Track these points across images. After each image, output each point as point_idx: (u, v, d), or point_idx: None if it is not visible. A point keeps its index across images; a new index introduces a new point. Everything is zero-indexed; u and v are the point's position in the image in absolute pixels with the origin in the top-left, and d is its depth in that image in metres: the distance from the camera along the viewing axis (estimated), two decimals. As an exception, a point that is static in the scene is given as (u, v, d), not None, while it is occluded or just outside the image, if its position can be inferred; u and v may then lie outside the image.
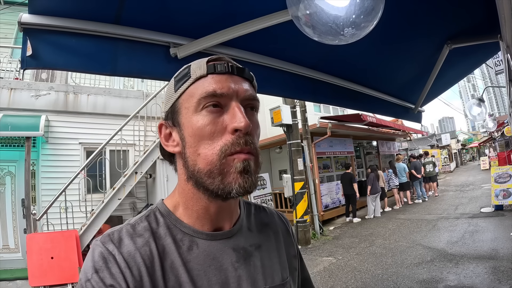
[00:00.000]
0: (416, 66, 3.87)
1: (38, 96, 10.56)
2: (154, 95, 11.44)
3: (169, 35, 2.21)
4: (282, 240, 1.25)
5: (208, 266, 0.97)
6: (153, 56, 2.21)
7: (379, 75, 3.91)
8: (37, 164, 10.52)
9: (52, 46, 1.87)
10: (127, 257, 0.90)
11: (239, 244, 1.07)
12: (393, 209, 17.41)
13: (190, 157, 0.97)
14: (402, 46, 3.29)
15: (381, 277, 7.69)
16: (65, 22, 1.83)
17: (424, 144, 45.82)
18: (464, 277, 6.91)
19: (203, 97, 0.94)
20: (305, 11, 1.47)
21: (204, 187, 0.96)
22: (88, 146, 11.21)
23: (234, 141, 0.92)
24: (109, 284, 0.85)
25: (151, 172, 11.41)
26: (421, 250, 9.43)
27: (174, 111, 1.02)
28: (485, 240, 9.34)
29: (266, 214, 1.29)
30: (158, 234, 0.99)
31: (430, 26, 3.03)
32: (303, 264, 1.37)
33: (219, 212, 1.04)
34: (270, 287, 1.07)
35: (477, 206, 14.65)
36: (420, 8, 2.71)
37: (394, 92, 4.45)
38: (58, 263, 8.17)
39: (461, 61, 3.90)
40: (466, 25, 3.05)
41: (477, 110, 6.85)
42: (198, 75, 0.97)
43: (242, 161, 0.93)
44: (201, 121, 0.94)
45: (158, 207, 1.08)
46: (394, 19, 2.71)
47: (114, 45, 2.04)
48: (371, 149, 23.87)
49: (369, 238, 11.69)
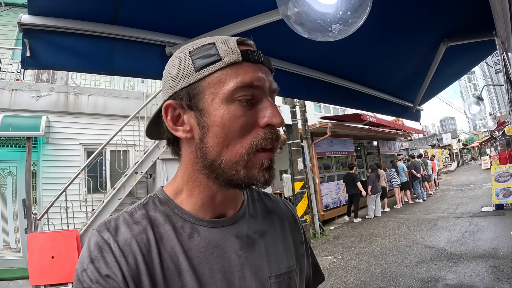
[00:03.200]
0: (413, 64, 3.89)
1: (39, 97, 10.59)
2: (154, 96, 11.46)
3: (165, 34, 2.24)
4: (288, 227, 1.22)
5: (210, 254, 0.95)
6: (149, 55, 2.24)
7: (376, 73, 3.92)
8: (38, 164, 10.54)
9: (51, 46, 1.92)
10: (123, 245, 0.88)
11: (242, 231, 1.05)
12: (394, 208, 17.47)
13: (212, 147, 0.91)
14: (399, 44, 3.32)
15: (381, 276, 7.71)
16: (63, 22, 1.87)
17: (425, 144, 45.76)
18: (463, 276, 6.93)
19: (240, 87, 0.89)
20: (294, 9, 1.50)
21: (223, 178, 0.93)
22: (89, 146, 11.24)
23: (265, 136, 0.91)
24: (105, 274, 0.84)
25: (151, 172, 11.42)
26: (421, 249, 9.45)
27: (193, 93, 0.92)
28: (485, 239, 9.37)
29: (270, 201, 1.26)
30: (157, 222, 0.96)
31: (426, 24, 3.07)
32: (312, 251, 1.35)
33: (224, 199, 1.03)
34: (275, 275, 1.04)
35: (477, 205, 14.68)
36: (416, 6, 2.74)
37: (392, 90, 4.46)
38: (59, 263, 8.22)
39: (459, 59, 3.92)
40: (462, 23, 3.08)
41: (476, 108, 6.87)
42: (232, 60, 0.90)
43: (269, 159, 0.93)
44: (233, 112, 0.89)
45: (157, 194, 1.05)
46: (390, 17, 2.74)
47: (111, 44, 2.07)
48: (371, 149, 23.86)
49: (369, 237, 11.72)
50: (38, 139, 10.36)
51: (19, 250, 9.91)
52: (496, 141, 35.26)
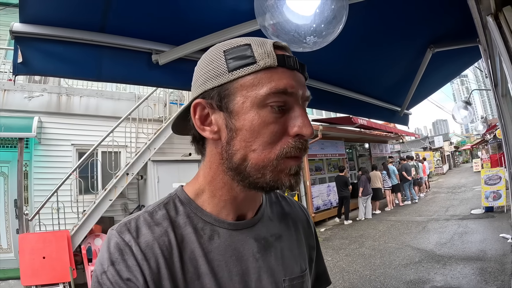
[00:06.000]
0: (401, 69, 3.95)
1: (31, 98, 10.54)
2: (146, 97, 11.48)
3: (152, 42, 2.29)
4: (302, 231, 1.21)
5: (229, 257, 0.95)
6: (136, 63, 2.29)
7: (364, 78, 3.97)
8: (29, 165, 10.49)
9: (41, 54, 1.96)
10: (145, 248, 0.87)
11: (260, 233, 1.04)
12: (385, 210, 17.56)
13: (239, 151, 0.90)
14: (386, 50, 3.38)
15: (369, 277, 7.77)
16: (54, 30, 1.92)
17: (417, 147, 45.85)
18: (451, 278, 7.01)
19: (273, 92, 0.86)
20: (270, 21, 1.55)
21: (248, 181, 0.92)
22: (80, 147, 11.18)
23: (295, 146, 0.89)
24: (126, 278, 0.83)
25: (142, 173, 11.40)
26: (409, 251, 9.53)
27: (224, 93, 0.90)
28: (474, 242, 9.46)
29: (287, 203, 1.25)
30: (177, 223, 0.95)
31: (412, 31, 3.13)
32: (320, 257, 1.34)
33: (246, 201, 1.02)
34: (289, 278, 1.04)
35: (467, 208, 14.80)
36: (403, 13, 2.79)
37: (380, 95, 4.52)
38: (50, 263, 8.23)
39: (446, 64, 3.99)
40: (448, 29, 3.14)
41: (463, 113, 6.95)
42: (268, 64, 0.87)
43: (297, 166, 0.91)
44: (263, 118, 0.87)
45: (177, 194, 1.03)
46: (377, 24, 2.80)
47: (99, 52, 2.12)
48: (363, 152, 23.92)
49: (359, 239, 11.79)
50: (30, 139, 10.29)
51: (10, 251, 9.87)
52: (487, 144, 35.43)
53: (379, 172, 17.99)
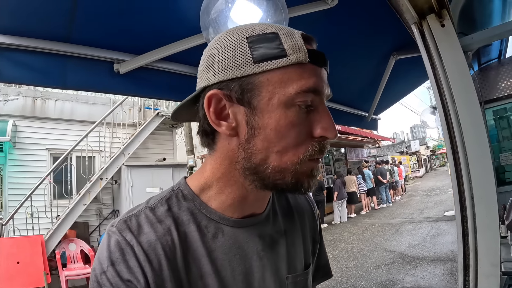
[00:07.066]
0: (367, 76, 4.07)
1: (6, 101, 10.47)
2: (120, 102, 11.53)
3: (114, 52, 2.37)
4: (307, 225, 1.17)
5: (233, 256, 0.91)
6: (99, 72, 2.37)
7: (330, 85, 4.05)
8: (4, 169, 10.44)
9: (8, 62, 2.03)
10: (147, 248, 0.83)
11: (265, 230, 0.99)
12: (360, 214, 17.76)
13: (261, 151, 0.83)
14: (351, 57, 3.48)
15: (341, 279, 7.88)
16: (21, 40, 2.00)
17: (394, 151, 46.06)
18: (421, 278, 7.19)
19: (303, 91, 0.79)
20: (214, 35, 1.64)
21: (267, 182, 0.86)
22: (55, 151, 11.14)
23: (319, 148, 0.84)
24: (126, 279, 0.80)
25: (117, 178, 11.38)
26: (382, 253, 9.69)
27: (247, 87, 0.81)
28: (446, 243, 9.67)
29: (292, 195, 1.19)
30: (180, 220, 0.90)
31: (376, 38, 3.25)
32: (323, 249, 1.28)
33: (256, 200, 0.96)
34: (293, 275, 1.02)
35: (441, 210, 15.14)
36: (368, 19, 2.90)
37: (346, 101, 4.61)
38: (24, 268, 8.16)
39: (409, 71, 4.09)
40: (409, 37, 3.25)
41: (432, 117, 7.10)
42: (299, 60, 0.79)
43: (317, 167, 0.88)
44: (291, 118, 0.80)
45: (180, 189, 0.96)
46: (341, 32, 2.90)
47: (64, 61, 2.20)
48: (340, 156, 24.16)
49: (333, 242, 11.90)
50: (4, 143, 10.21)
51: (-16, 256, 9.80)
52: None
53: (354, 176, 18.19)
